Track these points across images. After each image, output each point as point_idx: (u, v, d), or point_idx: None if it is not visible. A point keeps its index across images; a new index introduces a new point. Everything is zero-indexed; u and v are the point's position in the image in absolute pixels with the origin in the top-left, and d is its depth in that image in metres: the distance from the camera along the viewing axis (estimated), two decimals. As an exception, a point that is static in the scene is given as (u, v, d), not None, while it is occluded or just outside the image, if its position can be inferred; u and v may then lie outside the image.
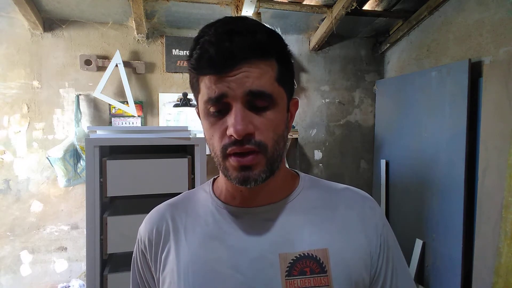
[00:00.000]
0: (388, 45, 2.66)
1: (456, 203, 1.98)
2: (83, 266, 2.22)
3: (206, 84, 0.49)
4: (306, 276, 0.51)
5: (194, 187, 1.74)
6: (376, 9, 2.38)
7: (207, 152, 2.39)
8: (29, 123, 2.13)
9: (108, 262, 1.71)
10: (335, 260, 0.52)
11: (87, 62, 2.17)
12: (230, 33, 0.46)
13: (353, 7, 2.13)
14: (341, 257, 0.53)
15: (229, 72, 0.47)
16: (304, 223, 0.55)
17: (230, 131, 0.47)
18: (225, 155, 0.49)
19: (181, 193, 0.69)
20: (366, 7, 2.34)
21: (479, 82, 1.90)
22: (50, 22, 2.13)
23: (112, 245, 1.59)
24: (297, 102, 0.58)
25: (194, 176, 1.71)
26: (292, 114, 0.57)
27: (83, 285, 2.15)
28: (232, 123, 0.47)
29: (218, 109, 0.49)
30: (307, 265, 0.51)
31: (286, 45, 0.53)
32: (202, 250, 0.54)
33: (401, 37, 2.56)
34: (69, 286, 2.15)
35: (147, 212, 0.70)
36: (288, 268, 0.51)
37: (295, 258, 0.52)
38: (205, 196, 0.61)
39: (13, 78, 2.09)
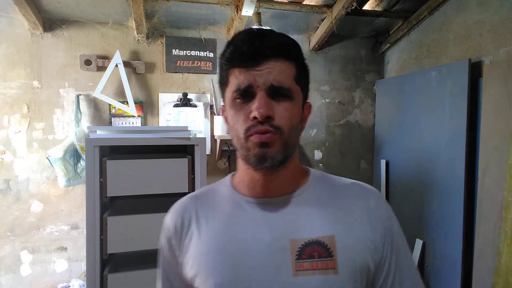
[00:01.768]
0: (388, 45, 2.66)
1: (456, 203, 1.98)
2: (83, 266, 2.22)
3: (235, 76, 0.57)
4: (314, 260, 0.56)
5: (194, 187, 1.74)
6: (376, 9, 2.38)
7: (207, 152, 2.39)
8: (29, 123, 2.13)
9: (108, 262, 1.71)
10: (341, 246, 0.57)
11: (87, 62, 2.18)
12: (260, 35, 0.57)
13: (353, 7, 2.13)
14: (346, 243, 0.58)
15: (256, 66, 0.55)
16: (313, 213, 0.60)
17: (254, 113, 0.54)
18: (247, 136, 0.56)
19: (181, 193, 0.72)
20: (366, 7, 2.34)
21: (479, 82, 1.90)
22: (50, 22, 2.13)
23: (112, 245, 1.59)
24: (310, 106, 0.66)
25: (194, 176, 1.71)
26: (305, 116, 0.64)
27: (83, 285, 2.15)
28: (256, 106, 0.55)
29: (244, 97, 0.57)
30: (315, 250, 0.57)
31: (303, 56, 0.62)
32: (221, 236, 0.61)
33: (401, 37, 2.56)
34: (69, 286, 2.15)
35: (147, 212, 0.73)
36: (298, 252, 0.57)
37: (304, 244, 0.57)
38: (224, 188, 0.68)
39: (13, 78, 2.09)
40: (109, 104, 2.22)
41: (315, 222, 0.59)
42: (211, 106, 2.43)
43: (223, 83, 0.61)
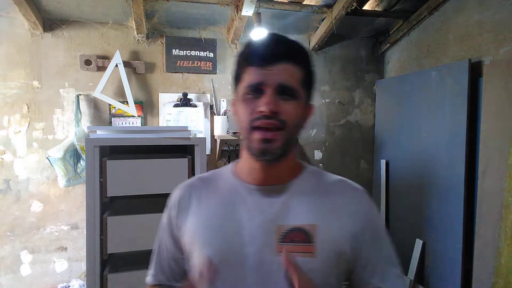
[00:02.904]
0: (388, 45, 2.66)
1: (456, 203, 1.98)
2: (83, 266, 2.22)
3: (249, 74, 0.64)
4: (296, 244, 0.64)
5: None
6: (376, 9, 2.38)
7: (207, 152, 2.39)
8: (29, 123, 2.13)
9: (108, 262, 1.71)
10: (321, 234, 0.64)
11: (87, 62, 2.18)
12: (276, 40, 0.65)
13: (353, 7, 2.13)
14: (326, 232, 0.65)
15: (268, 67, 0.62)
16: (301, 203, 0.67)
17: (262, 108, 0.61)
18: (252, 128, 0.62)
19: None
20: (366, 7, 2.34)
21: (479, 82, 1.90)
22: (50, 22, 2.13)
23: (112, 245, 1.59)
24: (313, 107, 0.72)
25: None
26: (307, 116, 0.70)
27: (83, 285, 2.15)
28: (264, 102, 0.61)
29: (254, 93, 0.63)
30: (297, 236, 0.64)
31: (312, 63, 0.68)
32: (217, 215, 0.69)
33: (401, 37, 2.56)
34: (69, 286, 2.15)
35: (147, 212, 0.76)
36: (282, 236, 0.64)
37: (289, 229, 0.64)
38: (227, 174, 0.75)
39: (13, 78, 2.09)
40: (109, 104, 2.22)
41: (301, 211, 0.66)
42: (211, 106, 2.43)
43: (237, 79, 0.68)
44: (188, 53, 2.37)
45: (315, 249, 0.63)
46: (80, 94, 2.17)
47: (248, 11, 2.03)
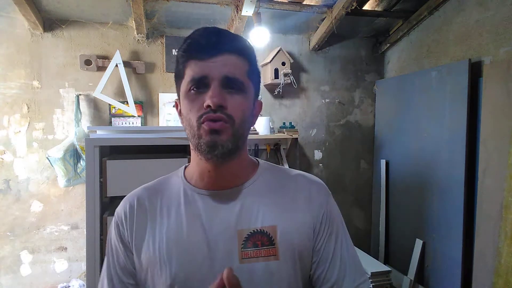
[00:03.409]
0: (388, 45, 2.66)
1: (456, 203, 1.98)
2: (83, 266, 2.22)
3: (191, 68, 0.60)
4: (258, 248, 0.62)
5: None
6: (376, 9, 2.38)
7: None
8: (29, 123, 2.13)
9: (108, 262, 1.70)
10: (281, 235, 0.63)
11: (87, 62, 2.17)
12: (217, 32, 0.61)
13: (353, 7, 2.13)
14: (287, 232, 0.63)
15: (212, 58, 0.58)
16: (259, 205, 0.65)
17: (208, 102, 0.57)
18: (200, 123, 0.58)
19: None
20: (366, 7, 2.34)
21: (479, 82, 1.90)
22: (50, 22, 2.13)
23: (112, 245, 1.59)
24: (261, 104, 0.70)
25: (194, 176, 1.70)
26: (256, 112, 0.68)
27: (83, 285, 2.15)
28: (210, 95, 0.57)
29: (198, 88, 0.59)
30: (259, 239, 0.62)
31: (255, 57, 0.66)
32: (175, 228, 0.64)
33: (401, 37, 2.56)
34: (69, 286, 2.15)
35: None
36: (244, 242, 0.62)
37: (250, 233, 0.62)
38: (177, 180, 0.70)
39: (13, 78, 2.09)
40: (109, 104, 2.22)
41: (260, 213, 0.64)
42: (211, 106, 2.42)
43: (179, 76, 0.63)
44: (188, 53, 2.37)
45: (277, 251, 0.61)
46: (80, 94, 2.17)
47: (248, 11, 2.03)
